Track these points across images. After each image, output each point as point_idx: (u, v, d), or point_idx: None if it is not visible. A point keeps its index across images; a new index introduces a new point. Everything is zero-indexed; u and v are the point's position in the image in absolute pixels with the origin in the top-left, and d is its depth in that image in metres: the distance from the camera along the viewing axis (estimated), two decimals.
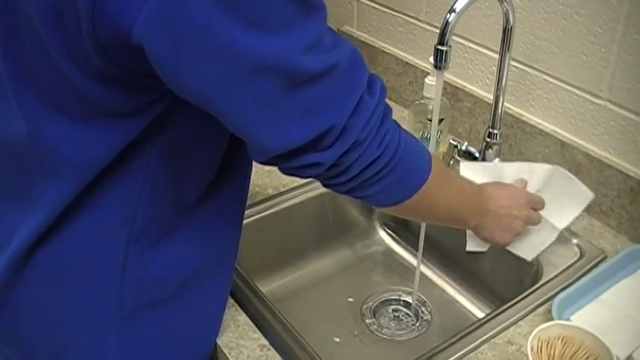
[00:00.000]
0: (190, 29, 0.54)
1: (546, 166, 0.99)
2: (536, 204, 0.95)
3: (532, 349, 0.75)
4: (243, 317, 0.88)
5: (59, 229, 0.70)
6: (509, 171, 1.00)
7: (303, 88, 0.61)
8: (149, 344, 0.77)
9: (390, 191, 0.73)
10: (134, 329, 0.76)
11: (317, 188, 1.14)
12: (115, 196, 0.69)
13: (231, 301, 0.90)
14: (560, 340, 0.77)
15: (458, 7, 0.84)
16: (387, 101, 1.42)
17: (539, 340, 0.76)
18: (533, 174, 0.99)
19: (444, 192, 0.79)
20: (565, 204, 0.97)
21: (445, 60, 0.86)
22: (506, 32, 0.94)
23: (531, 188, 0.99)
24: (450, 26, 0.84)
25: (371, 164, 0.68)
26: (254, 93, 0.59)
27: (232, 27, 0.54)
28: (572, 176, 0.98)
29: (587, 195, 0.97)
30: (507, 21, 0.93)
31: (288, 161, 0.66)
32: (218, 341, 0.84)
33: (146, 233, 0.71)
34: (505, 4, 0.91)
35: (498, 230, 0.91)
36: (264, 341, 0.84)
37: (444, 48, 0.85)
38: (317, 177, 0.69)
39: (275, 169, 0.69)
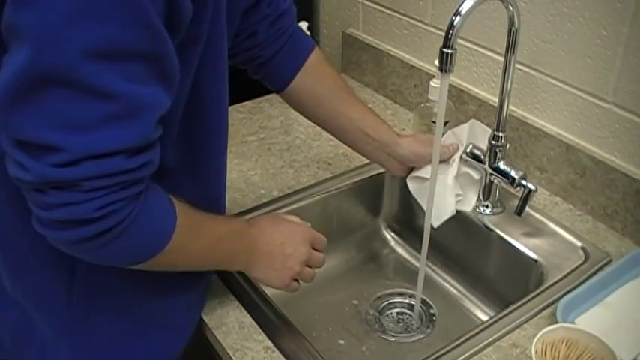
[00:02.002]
0: None
1: (464, 125, 1.06)
2: (317, 243, 0.89)
3: (536, 352, 0.75)
4: (247, 319, 0.88)
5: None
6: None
7: (83, 95, 0.56)
8: (101, 354, 0.78)
9: (110, 259, 0.67)
10: (86, 335, 0.76)
11: (322, 191, 1.14)
12: None
13: (235, 302, 0.90)
14: (564, 343, 0.77)
15: (463, 9, 0.84)
16: (394, 104, 1.42)
17: (543, 343, 0.76)
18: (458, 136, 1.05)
19: (193, 248, 0.73)
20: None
21: (450, 63, 0.86)
22: (512, 35, 0.94)
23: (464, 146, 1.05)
24: (456, 29, 0.84)
25: (81, 224, 0.60)
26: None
27: None
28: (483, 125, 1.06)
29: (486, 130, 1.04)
30: (513, 24, 0.93)
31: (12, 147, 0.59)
32: (223, 343, 0.84)
33: None
34: (510, 7, 0.91)
35: (270, 270, 0.84)
36: (268, 343, 0.84)
37: (450, 51, 0.85)
38: (22, 187, 0.61)
39: (282, 172, 0.69)
